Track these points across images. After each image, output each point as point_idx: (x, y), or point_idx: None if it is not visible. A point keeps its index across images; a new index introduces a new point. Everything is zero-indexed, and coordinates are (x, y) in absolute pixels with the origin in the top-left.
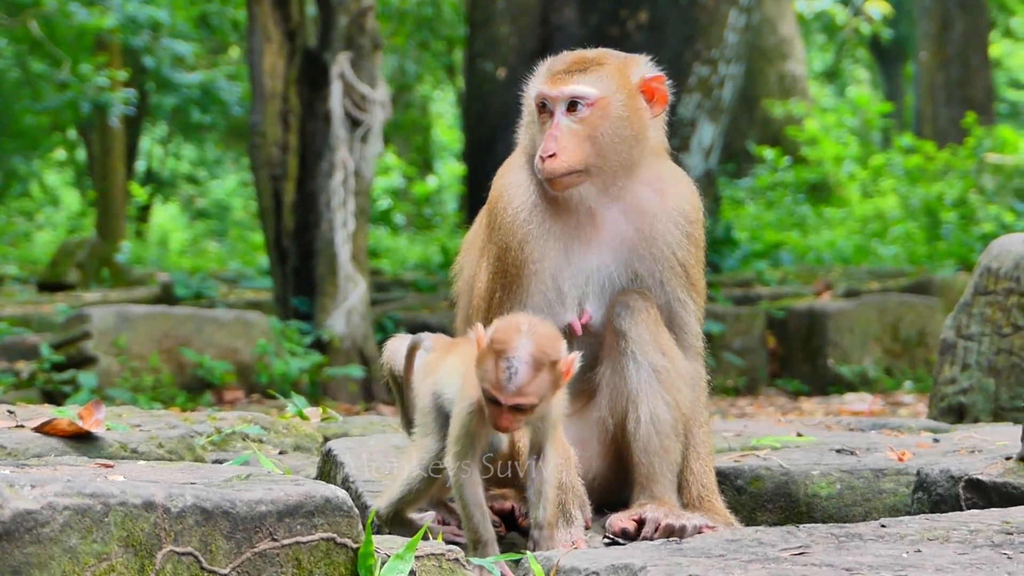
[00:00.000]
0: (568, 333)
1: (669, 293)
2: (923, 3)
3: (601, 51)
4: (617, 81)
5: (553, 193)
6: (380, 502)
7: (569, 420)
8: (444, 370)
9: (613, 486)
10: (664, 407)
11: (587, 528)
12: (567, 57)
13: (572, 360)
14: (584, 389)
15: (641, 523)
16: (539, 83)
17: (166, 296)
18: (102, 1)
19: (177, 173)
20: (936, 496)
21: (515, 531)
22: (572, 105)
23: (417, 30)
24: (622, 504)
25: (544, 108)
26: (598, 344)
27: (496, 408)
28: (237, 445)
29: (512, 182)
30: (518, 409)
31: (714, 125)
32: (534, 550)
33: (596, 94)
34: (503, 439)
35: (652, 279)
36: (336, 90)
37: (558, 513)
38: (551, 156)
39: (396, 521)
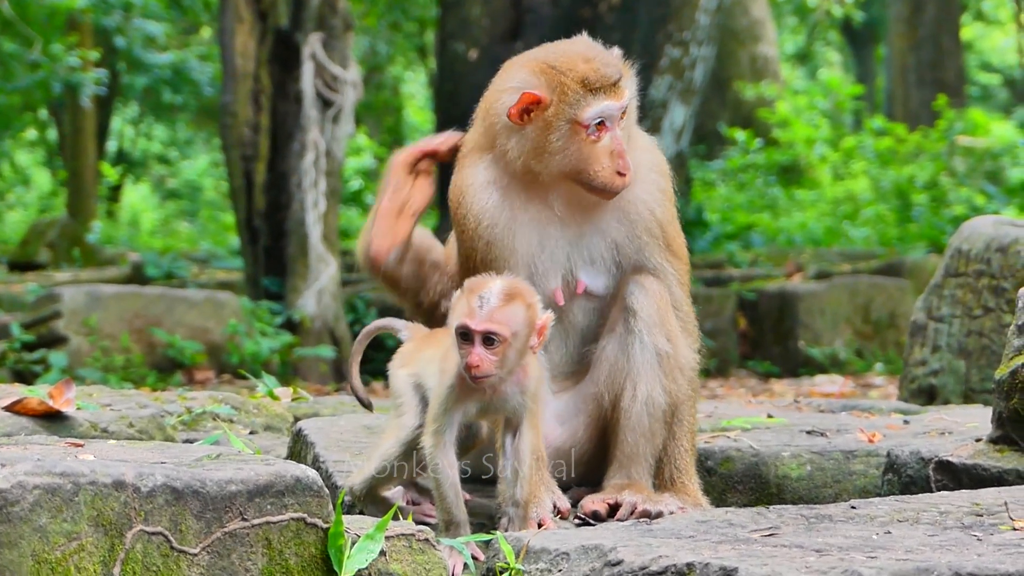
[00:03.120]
0: (552, 305)
1: (647, 259)
2: None
3: (594, 44)
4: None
5: (605, 200)
6: (354, 479)
7: (563, 395)
8: (424, 361)
9: (594, 461)
10: (661, 392)
11: (563, 518)
12: (600, 63)
13: (547, 319)
14: (581, 369)
15: (615, 507)
16: (595, 101)
17: (137, 276)
18: None
19: (148, 153)
20: (906, 478)
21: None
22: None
23: (389, 11)
24: (599, 481)
25: (601, 124)
26: (601, 319)
27: (467, 345)
28: (207, 425)
29: (470, 184)
30: (488, 342)
31: (685, 107)
32: (507, 527)
33: (632, 97)
34: (483, 425)
35: (630, 246)
36: (308, 70)
37: (533, 493)
38: (628, 172)
39: (369, 498)
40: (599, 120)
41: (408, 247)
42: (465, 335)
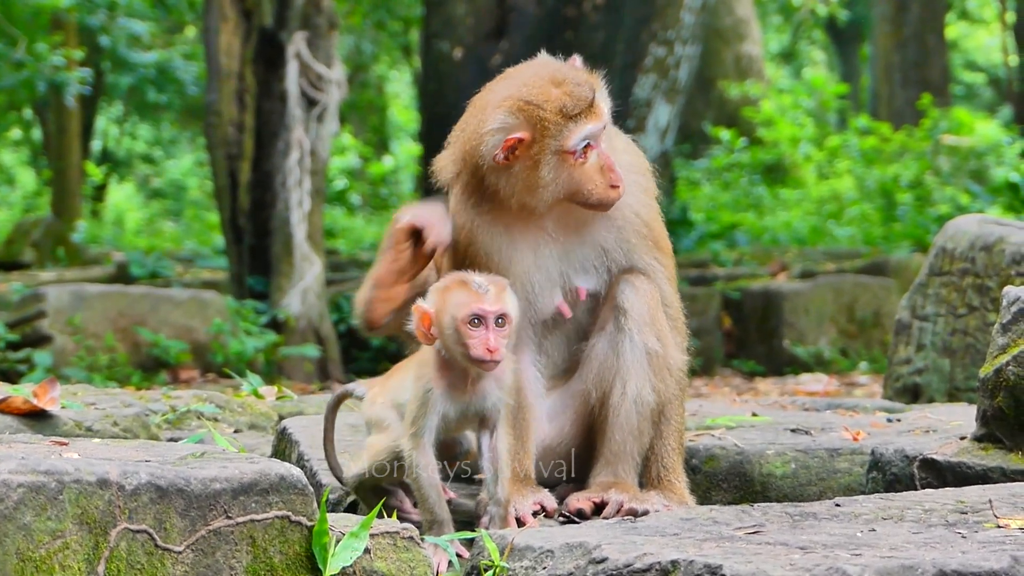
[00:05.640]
0: (558, 318)
1: (636, 260)
2: None
3: (556, 61)
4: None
5: (601, 213)
6: (345, 473)
7: (552, 392)
8: (390, 390)
9: (580, 459)
10: (650, 391)
11: (549, 516)
12: (572, 85)
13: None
14: (571, 367)
15: (601, 505)
16: (577, 127)
17: (122, 275)
18: None
19: (133, 152)
20: (891, 476)
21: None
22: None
23: (373, 10)
24: (584, 479)
25: (587, 146)
26: (591, 320)
27: (481, 330)
28: (192, 424)
29: (478, 225)
30: (499, 324)
31: (670, 106)
32: (488, 525)
33: (608, 107)
34: (471, 439)
35: (619, 250)
36: (292, 70)
37: (513, 491)
38: (621, 184)
39: (360, 490)
40: (585, 143)
41: (404, 306)
42: (476, 321)
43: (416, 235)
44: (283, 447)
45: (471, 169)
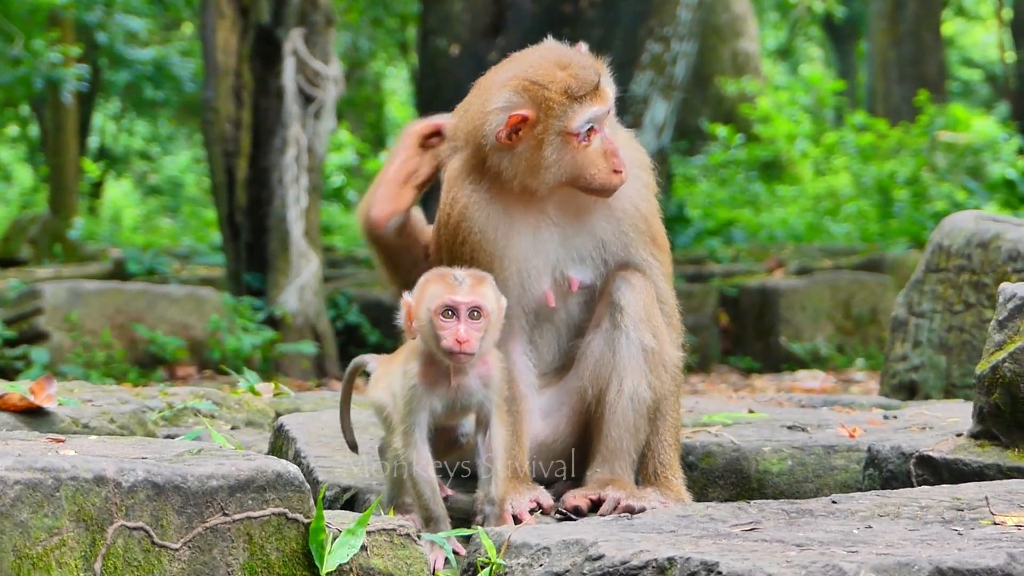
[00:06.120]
0: (544, 306)
1: (633, 254)
2: None
3: (563, 46)
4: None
5: (603, 199)
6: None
7: (547, 390)
8: (392, 375)
9: (576, 456)
10: (646, 387)
11: (545, 513)
12: (578, 68)
13: (505, 303)
14: (566, 364)
15: (597, 502)
16: (581, 109)
17: (119, 272)
18: None
19: (130, 149)
20: (887, 472)
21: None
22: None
23: (370, 6)
24: (580, 476)
25: (591, 129)
26: (585, 315)
27: (453, 322)
28: (189, 420)
29: (475, 202)
30: (474, 316)
31: (667, 102)
32: (483, 524)
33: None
34: (470, 425)
35: (617, 243)
36: (289, 66)
37: (509, 488)
38: (623, 169)
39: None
40: (589, 126)
41: (407, 219)
42: (448, 312)
43: (425, 140)
44: (280, 444)
45: (473, 148)
